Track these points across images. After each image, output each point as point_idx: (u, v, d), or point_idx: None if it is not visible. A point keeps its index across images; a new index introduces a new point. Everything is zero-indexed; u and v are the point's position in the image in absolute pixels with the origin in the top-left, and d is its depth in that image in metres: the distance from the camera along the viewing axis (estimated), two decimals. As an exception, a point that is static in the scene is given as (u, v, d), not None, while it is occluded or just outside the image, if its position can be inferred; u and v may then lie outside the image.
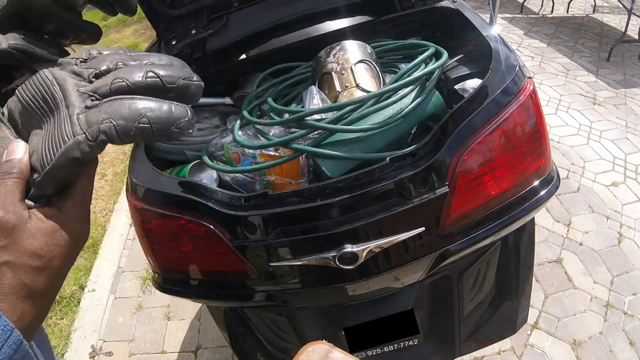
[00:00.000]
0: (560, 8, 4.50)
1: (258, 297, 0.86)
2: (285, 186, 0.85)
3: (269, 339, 1.04)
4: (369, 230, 0.73)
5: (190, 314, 1.72)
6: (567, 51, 3.55)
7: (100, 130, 0.28)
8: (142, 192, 0.81)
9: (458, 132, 0.74)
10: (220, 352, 1.58)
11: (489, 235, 0.81)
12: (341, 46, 0.97)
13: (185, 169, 0.88)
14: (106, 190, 2.53)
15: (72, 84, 0.30)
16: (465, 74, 0.97)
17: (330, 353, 0.33)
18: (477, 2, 4.55)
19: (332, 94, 0.93)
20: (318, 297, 0.89)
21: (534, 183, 0.83)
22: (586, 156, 2.38)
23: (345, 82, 0.92)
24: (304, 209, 0.72)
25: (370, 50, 1.00)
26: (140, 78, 0.29)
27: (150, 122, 0.28)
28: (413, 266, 0.80)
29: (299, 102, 1.04)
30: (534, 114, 0.80)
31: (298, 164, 0.83)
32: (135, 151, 0.89)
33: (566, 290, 1.69)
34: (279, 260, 0.76)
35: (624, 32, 3.37)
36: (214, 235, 0.76)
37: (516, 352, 1.49)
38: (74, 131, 0.28)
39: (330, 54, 0.97)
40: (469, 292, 0.99)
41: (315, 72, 1.01)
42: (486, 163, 0.76)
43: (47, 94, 0.30)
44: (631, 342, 1.50)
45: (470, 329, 1.04)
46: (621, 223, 1.97)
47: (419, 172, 0.72)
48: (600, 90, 2.99)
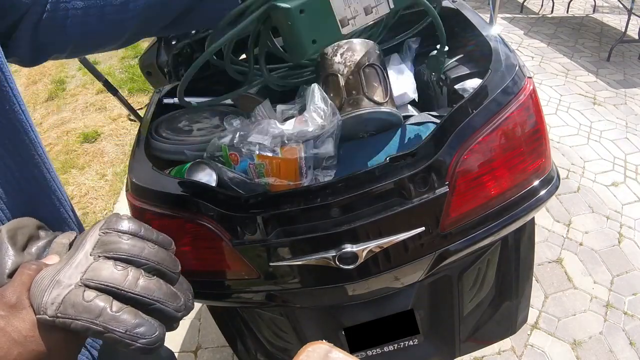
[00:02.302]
0: (560, 8, 4.50)
1: (258, 297, 0.86)
2: (283, 187, 0.85)
3: (269, 339, 1.04)
4: (368, 230, 0.73)
5: (190, 314, 1.72)
6: (567, 51, 3.55)
7: (63, 318, 0.31)
8: (142, 191, 0.81)
9: (458, 131, 0.74)
10: (220, 352, 1.58)
11: (488, 235, 0.81)
12: (349, 46, 0.92)
13: (184, 169, 0.87)
14: (106, 190, 2.54)
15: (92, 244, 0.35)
16: (465, 73, 0.97)
17: (330, 353, 0.33)
18: (477, 2, 4.55)
19: (337, 99, 0.90)
20: (318, 297, 0.89)
21: (534, 183, 0.82)
22: (586, 156, 2.38)
23: (352, 88, 0.89)
24: (304, 208, 0.72)
25: (378, 51, 0.96)
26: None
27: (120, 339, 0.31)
28: (413, 266, 0.80)
29: (298, 98, 1.03)
30: (533, 113, 0.80)
31: (296, 165, 0.83)
32: (135, 151, 0.89)
33: (566, 290, 1.69)
34: (279, 260, 0.76)
35: (624, 32, 3.36)
36: (214, 235, 0.76)
37: (516, 352, 1.49)
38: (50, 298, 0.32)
39: (338, 54, 0.93)
40: (469, 292, 0.99)
41: (319, 71, 0.98)
42: (486, 163, 0.76)
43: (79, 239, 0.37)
44: (631, 342, 1.50)
45: (470, 328, 1.04)
46: (621, 223, 1.97)
47: (418, 172, 0.72)
48: (600, 90, 2.99)
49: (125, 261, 0.34)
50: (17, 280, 0.34)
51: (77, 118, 3.38)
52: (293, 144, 0.83)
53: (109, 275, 0.32)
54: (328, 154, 0.86)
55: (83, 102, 3.59)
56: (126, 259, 0.34)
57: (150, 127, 0.97)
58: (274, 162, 0.84)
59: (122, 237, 0.35)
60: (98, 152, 2.91)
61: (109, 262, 0.33)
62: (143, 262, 0.34)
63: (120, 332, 0.31)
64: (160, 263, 0.35)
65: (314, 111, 0.86)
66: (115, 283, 0.32)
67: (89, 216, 2.37)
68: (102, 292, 0.32)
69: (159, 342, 0.33)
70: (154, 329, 0.32)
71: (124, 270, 0.33)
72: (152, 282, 0.33)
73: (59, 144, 3.06)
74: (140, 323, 0.32)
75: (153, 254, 0.35)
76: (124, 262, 0.33)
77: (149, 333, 0.32)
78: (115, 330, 0.31)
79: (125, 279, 0.32)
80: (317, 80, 0.97)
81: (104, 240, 0.35)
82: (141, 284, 0.33)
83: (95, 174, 2.70)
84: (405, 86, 1.04)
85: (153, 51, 1.24)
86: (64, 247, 0.38)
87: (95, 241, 0.35)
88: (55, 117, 3.43)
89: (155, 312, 0.33)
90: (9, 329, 0.31)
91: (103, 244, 0.34)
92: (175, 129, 0.98)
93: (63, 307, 0.31)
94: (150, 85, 1.42)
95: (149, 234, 0.36)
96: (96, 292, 0.32)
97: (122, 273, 0.32)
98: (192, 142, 0.95)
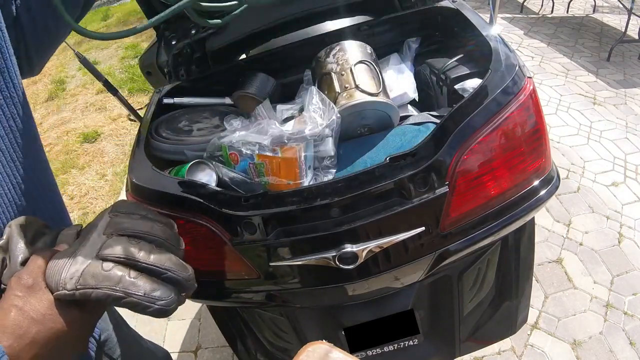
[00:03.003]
0: (560, 8, 4.50)
1: (258, 297, 0.86)
2: (283, 187, 0.85)
3: (269, 339, 1.04)
4: (368, 230, 0.73)
5: (190, 314, 1.72)
6: (567, 51, 3.55)
7: (84, 289, 0.34)
8: (142, 191, 0.81)
9: (458, 131, 0.74)
10: (220, 352, 1.58)
11: (488, 235, 0.81)
12: (341, 46, 0.98)
13: (184, 169, 0.87)
14: (106, 190, 2.54)
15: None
16: (465, 73, 0.97)
17: (330, 353, 0.33)
18: (477, 2, 4.55)
19: (332, 95, 0.93)
20: (318, 297, 0.89)
21: (534, 183, 0.82)
22: (586, 156, 2.38)
23: (345, 82, 0.92)
24: (304, 208, 0.72)
25: (370, 50, 1.00)
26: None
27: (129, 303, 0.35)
28: (413, 266, 0.80)
29: (298, 98, 1.04)
30: (533, 113, 0.80)
31: (296, 165, 0.83)
32: (135, 151, 0.89)
33: (566, 290, 1.69)
34: (279, 260, 0.76)
35: (624, 32, 3.36)
36: (214, 235, 0.76)
37: (516, 352, 1.49)
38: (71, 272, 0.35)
39: (330, 54, 0.98)
40: (469, 292, 0.99)
41: (315, 73, 1.02)
42: (486, 163, 0.76)
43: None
44: (631, 342, 1.50)
45: (470, 328, 1.04)
46: (621, 223, 1.97)
47: (418, 172, 0.72)
48: (600, 90, 2.99)
49: (137, 237, 0.37)
50: (32, 264, 0.35)
51: (77, 118, 3.38)
52: (293, 143, 0.83)
53: (124, 249, 0.35)
54: (328, 153, 0.86)
55: (83, 102, 3.59)
56: (137, 235, 0.37)
57: (150, 127, 0.97)
58: (274, 162, 0.84)
59: (132, 217, 0.38)
60: (98, 152, 2.92)
61: (122, 238, 0.36)
62: (153, 238, 0.37)
63: (140, 296, 0.34)
64: (167, 240, 0.38)
65: (313, 111, 0.87)
66: (130, 255, 0.35)
67: (89, 216, 2.37)
68: (119, 264, 0.34)
69: (174, 305, 0.36)
70: (169, 292, 0.35)
71: (137, 244, 0.36)
72: (162, 254, 0.37)
73: (59, 144, 3.06)
74: (156, 287, 0.35)
75: (161, 230, 0.38)
76: (136, 238, 0.36)
77: (164, 296, 0.35)
78: (135, 294, 0.34)
79: (139, 251, 0.35)
80: (313, 83, 1.01)
81: (115, 221, 0.37)
82: (153, 256, 0.36)
83: (95, 174, 2.70)
84: (405, 86, 1.05)
85: (153, 51, 1.24)
86: (72, 237, 0.40)
87: (107, 223, 0.37)
88: (55, 117, 3.43)
89: (168, 281, 0.36)
90: (27, 308, 0.33)
91: (114, 224, 0.37)
92: (175, 129, 0.98)
93: (83, 279, 0.33)
94: (150, 85, 1.42)
95: (154, 215, 0.40)
96: (113, 264, 0.34)
97: (136, 246, 0.35)
98: (192, 142, 0.95)
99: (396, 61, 1.12)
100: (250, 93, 1.08)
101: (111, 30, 4.79)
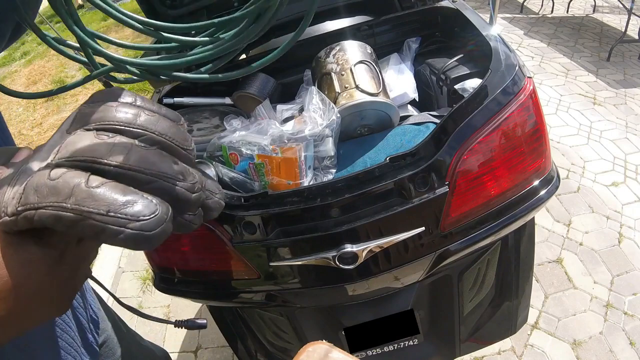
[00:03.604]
0: (560, 8, 4.50)
1: (258, 297, 0.86)
2: (283, 187, 0.85)
3: (269, 339, 1.04)
4: (368, 230, 0.73)
5: (190, 314, 1.72)
6: (567, 51, 3.55)
7: (24, 211, 0.22)
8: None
9: (458, 131, 0.74)
10: (220, 352, 1.57)
11: (489, 235, 0.81)
12: (341, 47, 0.98)
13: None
14: (106, 191, 2.54)
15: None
16: (465, 73, 0.97)
17: (330, 353, 0.33)
18: (477, 2, 4.55)
19: (332, 95, 0.93)
20: (318, 297, 0.89)
21: (534, 183, 0.82)
22: (586, 156, 2.38)
23: (345, 82, 0.92)
24: (304, 208, 0.72)
25: (370, 50, 1.00)
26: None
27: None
28: (413, 266, 0.80)
29: (298, 98, 1.04)
30: (534, 113, 0.80)
31: (296, 165, 0.83)
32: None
33: (566, 290, 1.69)
34: (279, 260, 0.76)
35: (624, 32, 3.36)
36: (214, 235, 0.76)
37: (516, 352, 1.49)
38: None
39: (330, 54, 0.98)
40: (469, 292, 0.99)
41: (315, 73, 1.02)
42: (486, 163, 0.76)
43: None
44: (631, 342, 1.50)
45: (470, 328, 1.04)
46: (621, 223, 1.97)
47: (418, 172, 0.72)
48: (600, 90, 2.99)
49: (113, 130, 0.24)
50: None
51: (77, 118, 3.37)
52: (293, 143, 0.83)
53: (86, 147, 0.23)
54: (328, 153, 0.86)
55: (83, 102, 3.59)
56: (114, 128, 0.24)
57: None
58: (274, 162, 0.84)
59: (109, 106, 0.25)
60: (98, 152, 2.91)
61: (88, 133, 0.23)
62: (138, 132, 0.24)
63: (101, 215, 0.21)
64: (162, 134, 0.24)
65: (313, 111, 0.87)
66: (93, 154, 0.22)
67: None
68: (73, 168, 0.22)
69: (161, 225, 0.22)
70: (152, 206, 0.22)
71: (110, 139, 0.23)
72: (149, 152, 0.23)
73: (59, 144, 3.05)
74: (131, 200, 0.21)
75: (152, 122, 0.24)
76: (108, 131, 0.24)
77: (145, 212, 0.21)
78: (93, 211, 0.21)
79: (110, 149, 0.22)
80: (313, 83, 1.01)
81: (84, 112, 0.25)
82: (134, 155, 0.23)
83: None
84: (405, 86, 1.05)
85: (153, 52, 1.24)
86: (29, 151, 0.28)
87: (74, 117, 0.25)
88: (56, 117, 3.43)
89: (157, 194, 0.23)
90: None
91: (83, 116, 0.25)
92: (175, 129, 0.98)
93: (24, 197, 0.22)
94: (151, 85, 1.42)
95: (147, 103, 0.26)
96: (65, 169, 0.22)
97: (105, 142, 0.23)
98: (192, 142, 0.95)
99: (396, 61, 1.12)
100: (250, 93, 1.08)
101: (110, 30, 4.79)
